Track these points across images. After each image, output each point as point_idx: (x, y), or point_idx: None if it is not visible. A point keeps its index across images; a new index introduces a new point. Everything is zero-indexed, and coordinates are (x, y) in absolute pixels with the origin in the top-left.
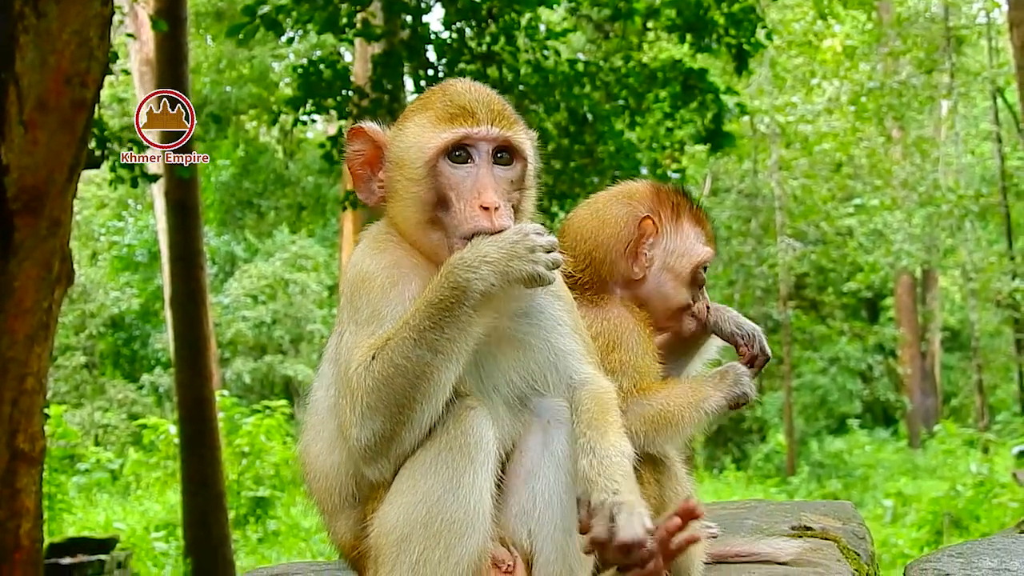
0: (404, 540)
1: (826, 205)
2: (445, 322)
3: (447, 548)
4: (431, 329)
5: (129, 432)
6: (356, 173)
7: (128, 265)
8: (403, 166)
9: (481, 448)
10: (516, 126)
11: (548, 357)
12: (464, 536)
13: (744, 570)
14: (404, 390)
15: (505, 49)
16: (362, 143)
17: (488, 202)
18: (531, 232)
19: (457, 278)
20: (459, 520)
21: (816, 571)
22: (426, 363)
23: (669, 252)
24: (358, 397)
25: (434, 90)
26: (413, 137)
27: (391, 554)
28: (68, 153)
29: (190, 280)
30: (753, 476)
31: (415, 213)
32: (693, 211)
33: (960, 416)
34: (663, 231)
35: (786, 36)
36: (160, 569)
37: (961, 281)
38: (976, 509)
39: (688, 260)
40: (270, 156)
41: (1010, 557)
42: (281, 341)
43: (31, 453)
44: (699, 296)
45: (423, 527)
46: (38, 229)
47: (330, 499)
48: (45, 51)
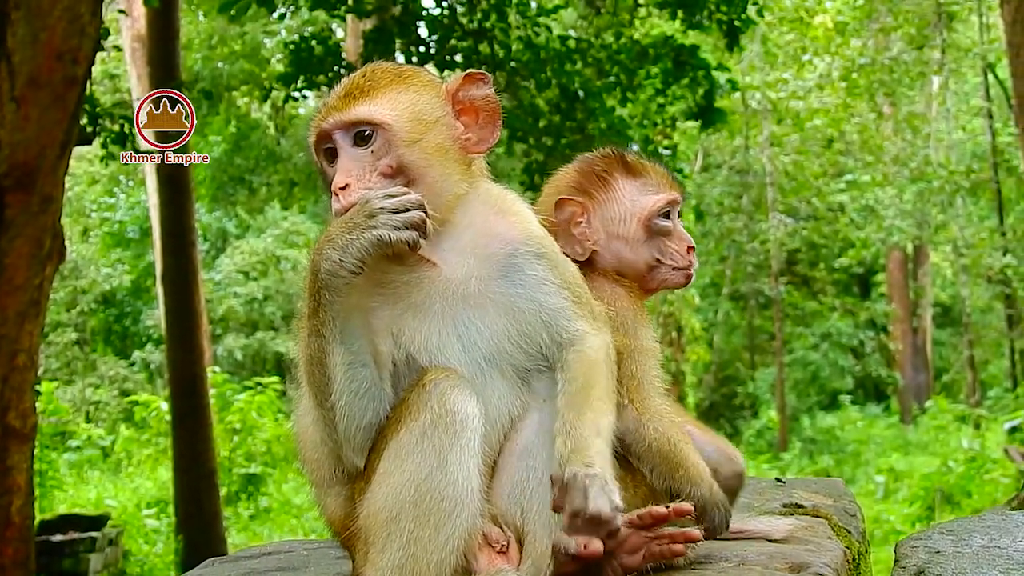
0: (393, 520)
1: (817, 181)
2: (316, 307)
3: (436, 526)
4: (311, 315)
5: (120, 409)
6: None
7: (119, 241)
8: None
9: (467, 425)
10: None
11: (538, 318)
12: (453, 514)
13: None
14: (313, 375)
15: (496, 25)
16: None
17: (335, 184)
18: (373, 198)
19: (311, 263)
20: (448, 498)
21: (807, 549)
22: (318, 347)
23: (607, 220)
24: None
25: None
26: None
27: (381, 534)
28: (60, 129)
29: (182, 256)
30: (745, 452)
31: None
32: (627, 166)
33: (951, 392)
34: (595, 203)
35: (777, 12)
36: (151, 546)
37: (952, 257)
38: (968, 485)
39: (634, 218)
40: (262, 132)
41: (1000, 535)
42: (273, 317)
43: (22, 430)
44: (669, 245)
45: (412, 506)
46: (30, 205)
47: (320, 472)
48: (36, 27)
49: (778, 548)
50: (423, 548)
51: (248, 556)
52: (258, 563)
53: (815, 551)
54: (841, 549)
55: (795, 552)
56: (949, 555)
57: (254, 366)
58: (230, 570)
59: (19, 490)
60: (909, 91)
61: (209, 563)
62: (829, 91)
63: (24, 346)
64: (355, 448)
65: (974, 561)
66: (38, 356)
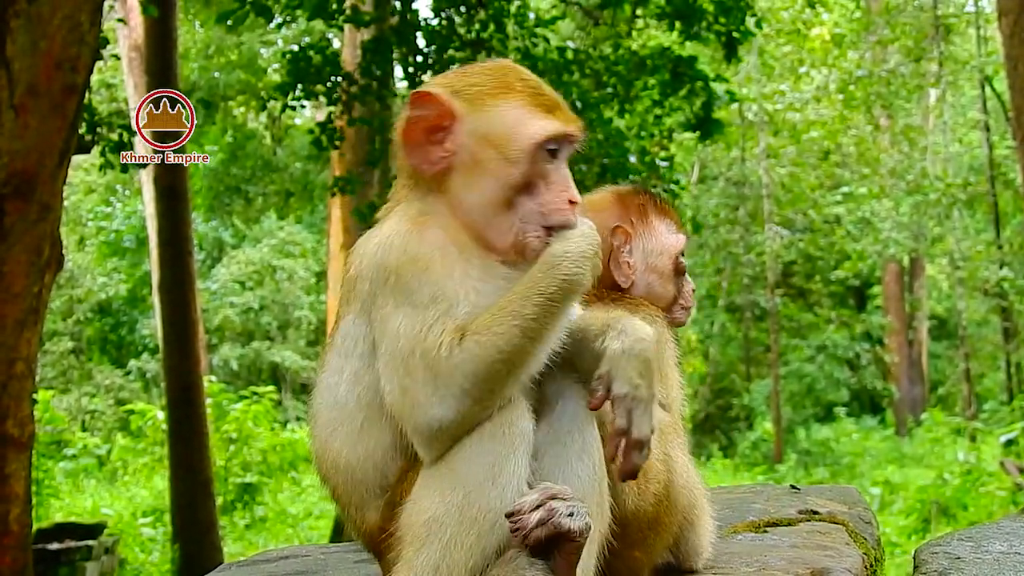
0: (435, 521)
1: (814, 193)
2: (550, 311)
3: (480, 535)
4: (535, 318)
5: (116, 418)
6: (413, 139)
7: (116, 251)
8: (497, 144)
9: (524, 439)
10: None
11: None
12: (497, 525)
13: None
14: (500, 375)
15: (494, 36)
16: (429, 109)
17: (575, 198)
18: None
19: (568, 270)
20: (495, 509)
21: (827, 554)
22: (525, 350)
23: (647, 252)
24: (445, 378)
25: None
26: (512, 118)
27: (420, 533)
28: (58, 138)
29: (178, 266)
30: (740, 464)
31: (496, 192)
32: (657, 205)
33: (947, 404)
34: (636, 234)
35: (775, 24)
36: (147, 555)
37: (948, 269)
38: (964, 497)
39: (667, 255)
40: (258, 142)
41: (1019, 541)
42: (269, 327)
43: (20, 438)
44: (683, 284)
45: (458, 511)
46: (28, 214)
47: (356, 492)
48: (36, 36)
49: (799, 554)
50: (463, 554)
51: (265, 560)
52: (275, 567)
53: (835, 557)
54: (859, 555)
55: (816, 557)
56: (969, 561)
57: (250, 376)
58: (247, 573)
59: (17, 498)
60: (906, 103)
61: (226, 567)
62: (826, 103)
63: (22, 354)
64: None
65: (994, 567)
66: (36, 364)
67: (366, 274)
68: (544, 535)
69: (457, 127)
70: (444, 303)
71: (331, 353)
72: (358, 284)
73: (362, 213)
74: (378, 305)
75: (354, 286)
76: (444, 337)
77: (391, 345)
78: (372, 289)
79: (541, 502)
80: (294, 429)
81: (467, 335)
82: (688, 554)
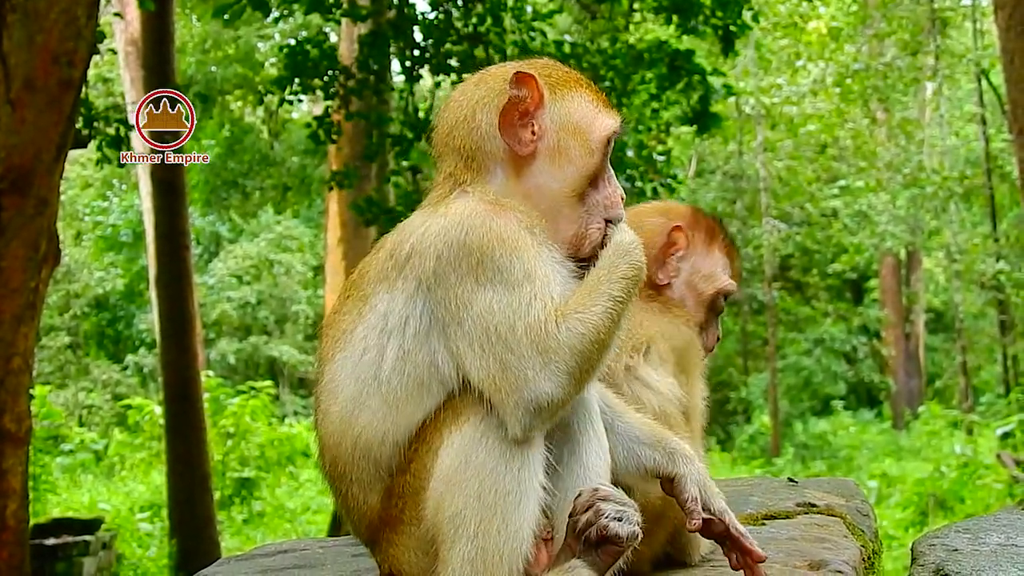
0: (458, 515)
1: (811, 186)
2: (631, 295)
3: (505, 519)
4: (623, 300)
5: (113, 413)
6: (510, 120)
7: (113, 245)
8: (579, 133)
9: None
10: None
11: None
12: (520, 505)
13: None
14: (598, 353)
15: (492, 30)
16: (528, 92)
17: (620, 193)
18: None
19: (639, 258)
20: (513, 491)
21: (825, 547)
22: (614, 331)
23: (696, 270)
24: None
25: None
26: (588, 109)
27: (448, 531)
28: (55, 132)
29: (175, 260)
30: (738, 457)
31: (573, 182)
32: (726, 242)
33: (944, 397)
34: (693, 248)
35: (772, 18)
36: (145, 550)
37: (945, 262)
38: (960, 490)
39: (713, 284)
40: (255, 136)
41: (1016, 533)
42: (266, 322)
43: (17, 433)
44: (713, 324)
45: (476, 500)
46: (25, 209)
47: (367, 471)
48: (33, 30)
49: (796, 546)
50: (492, 541)
51: (263, 554)
52: (273, 561)
53: (833, 549)
54: (857, 548)
55: (814, 550)
56: (967, 553)
57: (247, 370)
58: (246, 568)
59: (14, 493)
60: (903, 97)
61: (224, 561)
62: (823, 97)
63: (19, 349)
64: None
65: (992, 559)
66: (33, 359)
67: (430, 252)
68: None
69: (541, 113)
70: (539, 282)
71: (363, 329)
72: (414, 261)
73: (359, 207)
74: (449, 284)
75: (406, 264)
76: (547, 314)
77: (481, 322)
78: (440, 267)
79: (591, 503)
80: (291, 424)
81: (569, 314)
82: (686, 546)
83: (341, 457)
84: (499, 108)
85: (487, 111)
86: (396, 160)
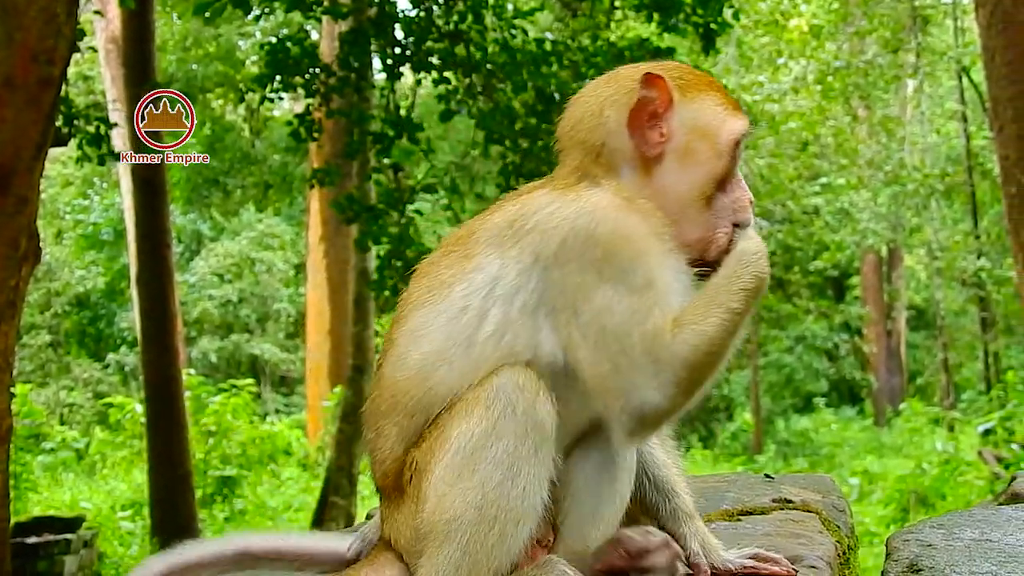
0: (455, 520)
1: (792, 184)
2: (749, 307)
3: (501, 534)
4: (740, 312)
5: (95, 411)
6: (639, 120)
7: (94, 244)
8: (708, 135)
9: (545, 439)
10: None
11: None
12: (519, 524)
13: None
14: (710, 367)
15: (473, 28)
16: (656, 92)
17: (750, 196)
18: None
19: (762, 269)
20: (516, 509)
21: (800, 542)
22: (729, 345)
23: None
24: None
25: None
26: (717, 111)
27: (441, 531)
28: (35, 131)
29: (156, 259)
30: (720, 454)
31: (701, 185)
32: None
33: (926, 394)
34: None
35: (753, 16)
36: (126, 548)
37: (927, 260)
38: (942, 487)
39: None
40: (236, 134)
41: (991, 528)
42: (247, 320)
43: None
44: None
45: (476, 511)
46: (5, 207)
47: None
48: (12, 28)
49: (772, 542)
50: (485, 553)
51: None
52: None
53: (808, 544)
54: (832, 543)
55: (789, 545)
56: (941, 548)
57: (229, 368)
58: None
59: None
60: (884, 94)
61: None
62: (804, 94)
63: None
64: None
65: (966, 554)
66: (14, 358)
67: (555, 233)
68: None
69: (670, 115)
70: (660, 289)
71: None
72: (535, 237)
73: (340, 205)
74: (569, 270)
75: (525, 236)
76: (664, 324)
77: (599, 319)
78: (563, 252)
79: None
80: (273, 422)
81: (684, 324)
82: None
83: (401, 401)
84: (628, 107)
85: (616, 108)
86: (377, 157)
